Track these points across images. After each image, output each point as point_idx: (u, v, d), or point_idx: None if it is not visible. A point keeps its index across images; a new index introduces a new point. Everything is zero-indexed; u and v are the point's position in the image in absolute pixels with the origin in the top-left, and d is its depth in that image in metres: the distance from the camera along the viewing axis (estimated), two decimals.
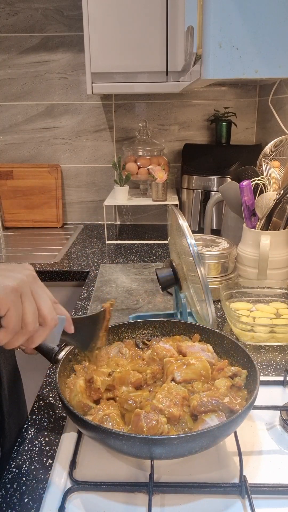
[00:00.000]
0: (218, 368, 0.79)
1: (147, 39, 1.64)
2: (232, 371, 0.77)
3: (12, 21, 1.99)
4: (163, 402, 0.69)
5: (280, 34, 1.03)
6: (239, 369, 0.78)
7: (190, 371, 0.76)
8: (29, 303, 0.55)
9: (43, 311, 0.57)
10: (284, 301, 1.16)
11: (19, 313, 0.54)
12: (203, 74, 1.06)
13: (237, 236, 1.37)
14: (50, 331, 0.59)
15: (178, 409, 0.69)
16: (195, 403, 0.69)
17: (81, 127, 2.13)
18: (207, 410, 0.68)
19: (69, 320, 0.65)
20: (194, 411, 0.69)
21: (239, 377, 0.76)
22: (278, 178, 1.29)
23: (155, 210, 2.22)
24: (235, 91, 2.07)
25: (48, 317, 0.58)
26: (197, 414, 0.69)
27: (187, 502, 0.62)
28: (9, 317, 0.53)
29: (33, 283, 0.57)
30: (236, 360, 0.81)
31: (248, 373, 0.77)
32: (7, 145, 2.16)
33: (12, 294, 0.54)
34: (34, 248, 1.88)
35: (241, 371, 0.77)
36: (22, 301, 0.55)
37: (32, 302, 0.56)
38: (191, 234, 0.92)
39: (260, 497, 0.63)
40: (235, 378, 0.76)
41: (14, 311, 0.54)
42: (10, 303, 0.53)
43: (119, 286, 1.43)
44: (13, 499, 0.63)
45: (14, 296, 0.54)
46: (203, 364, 0.77)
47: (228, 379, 0.76)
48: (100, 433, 0.62)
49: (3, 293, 0.53)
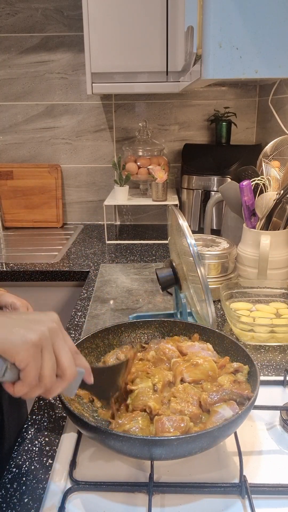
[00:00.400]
0: (220, 365, 0.80)
1: (147, 39, 1.64)
2: (233, 367, 0.78)
3: (12, 21, 1.99)
4: (181, 404, 0.70)
5: (280, 34, 1.03)
6: (240, 364, 0.78)
7: (198, 372, 0.77)
8: (49, 358, 0.55)
9: (62, 364, 0.57)
10: (284, 301, 1.16)
11: (38, 367, 0.54)
12: (203, 74, 1.05)
13: (237, 236, 1.37)
14: (68, 383, 0.59)
15: (196, 407, 0.70)
16: (204, 397, 0.71)
17: (81, 127, 2.13)
18: (218, 400, 0.70)
19: (88, 371, 0.64)
20: (206, 405, 0.70)
21: (240, 373, 0.77)
22: (278, 178, 1.29)
23: (155, 210, 2.22)
24: (235, 91, 2.07)
25: (68, 370, 0.57)
26: (209, 407, 0.70)
27: (187, 502, 0.62)
28: (27, 372, 0.53)
29: (55, 335, 0.57)
30: (236, 360, 0.81)
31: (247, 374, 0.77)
32: (7, 145, 2.16)
33: (33, 349, 0.53)
34: (34, 248, 1.88)
35: (242, 367, 0.78)
36: (42, 355, 0.55)
37: (52, 357, 0.56)
38: (191, 234, 0.92)
39: (260, 497, 0.63)
40: (237, 374, 0.77)
41: (33, 366, 0.54)
42: (30, 358, 0.53)
43: (119, 286, 1.43)
44: (13, 499, 0.63)
45: (35, 351, 0.54)
46: (211, 365, 0.78)
47: (230, 375, 0.76)
48: (100, 434, 0.62)
49: (25, 348, 0.53)
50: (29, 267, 1.62)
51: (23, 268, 1.61)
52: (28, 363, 0.53)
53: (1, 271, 1.60)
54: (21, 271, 1.60)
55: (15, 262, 1.67)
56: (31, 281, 1.61)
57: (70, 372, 0.57)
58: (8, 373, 0.54)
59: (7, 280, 1.61)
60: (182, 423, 0.66)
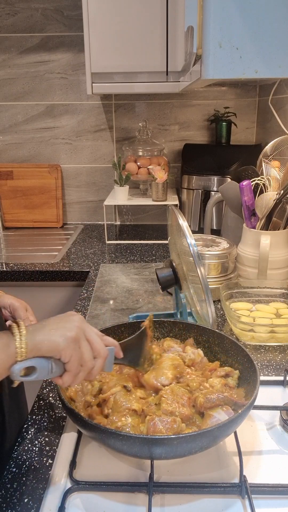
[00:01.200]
0: (210, 368, 0.80)
1: (147, 39, 1.64)
2: (225, 370, 0.78)
3: (12, 21, 1.99)
4: (172, 405, 0.70)
5: (280, 34, 1.02)
6: (231, 369, 0.79)
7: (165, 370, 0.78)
8: (86, 346, 0.65)
9: (96, 347, 0.67)
10: (284, 301, 1.16)
11: (79, 357, 0.64)
12: (203, 74, 1.05)
13: (237, 236, 1.37)
14: (104, 361, 0.68)
15: (187, 408, 0.70)
16: (201, 400, 0.70)
17: (81, 127, 2.13)
18: (214, 405, 0.69)
19: (117, 347, 0.73)
20: (201, 408, 0.70)
21: (231, 377, 0.77)
22: (278, 178, 1.29)
23: (155, 210, 2.22)
24: (235, 91, 2.07)
25: (101, 351, 0.67)
26: (204, 410, 0.70)
27: (187, 502, 0.62)
28: (72, 363, 0.63)
29: (84, 327, 0.67)
30: (236, 360, 0.81)
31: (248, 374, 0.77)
32: (7, 145, 2.16)
33: (73, 344, 0.63)
34: (34, 248, 1.88)
35: (233, 372, 0.78)
36: (80, 346, 0.65)
37: (88, 345, 0.66)
38: (191, 234, 0.92)
39: (260, 497, 0.63)
40: (227, 378, 0.77)
41: (76, 356, 0.64)
42: (73, 351, 0.63)
43: (119, 286, 1.43)
44: (13, 499, 0.63)
45: (74, 345, 0.64)
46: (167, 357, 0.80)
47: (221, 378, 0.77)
48: (100, 433, 0.62)
49: (67, 344, 0.63)
50: (29, 267, 1.62)
51: (23, 268, 1.61)
52: (72, 356, 0.63)
53: (1, 271, 1.60)
54: (21, 271, 1.60)
55: (15, 262, 1.67)
56: (31, 281, 1.61)
57: (103, 352, 0.68)
58: (54, 368, 0.63)
59: (7, 280, 1.61)
60: (174, 424, 0.66)
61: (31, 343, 0.61)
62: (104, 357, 0.68)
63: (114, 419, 0.68)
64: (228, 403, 0.70)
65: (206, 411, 0.70)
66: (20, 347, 0.60)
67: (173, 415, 0.68)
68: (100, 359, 0.67)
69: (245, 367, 0.78)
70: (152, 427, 0.66)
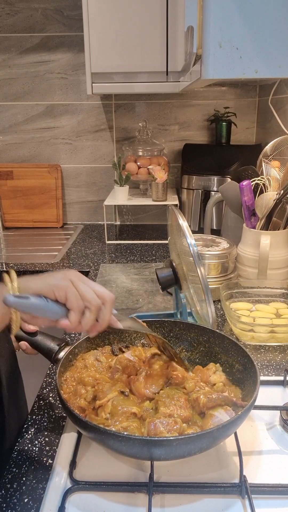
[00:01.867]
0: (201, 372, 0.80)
1: (147, 39, 1.64)
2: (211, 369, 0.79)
3: (12, 21, 1.99)
4: (169, 408, 0.70)
5: (280, 34, 1.02)
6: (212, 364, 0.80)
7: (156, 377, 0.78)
8: (83, 285, 0.64)
9: (98, 292, 0.65)
10: (284, 301, 1.16)
11: (77, 294, 0.63)
12: (203, 74, 1.05)
13: (237, 236, 1.37)
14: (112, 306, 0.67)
15: (185, 410, 0.70)
16: (204, 400, 0.70)
17: (81, 127, 2.13)
18: (215, 404, 0.69)
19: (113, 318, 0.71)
20: (203, 408, 0.70)
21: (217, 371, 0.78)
22: (278, 178, 1.29)
23: (155, 210, 2.22)
24: (235, 91, 2.07)
25: (105, 294, 0.66)
26: (206, 410, 0.69)
27: (187, 502, 0.62)
28: (70, 299, 0.63)
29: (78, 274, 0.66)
30: (236, 361, 0.81)
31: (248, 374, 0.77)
32: (7, 145, 2.16)
33: (63, 281, 0.63)
34: (34, 248, 1.88)
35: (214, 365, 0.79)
36: (75, 286, 0.63)
37: (85, 285, 0.65)
38: (191, 234, 0.92)
39: (260, 497, 0.63)
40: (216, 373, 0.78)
41: (72, 293, 0.62)
42: (66, 288, 0.62)
43: (119, 286, 1.43)
44: (13, 499, 0.63)
45: (66, 283, 0.63)
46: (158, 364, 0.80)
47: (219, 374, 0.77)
48: (100, 434, 0.62)
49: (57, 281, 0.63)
50: (29, 267, 1.62)
51: (23, 268, 1.61)
52: (66, 292, 0.62)
53: (1, 271, 1.60)
54: (21, 271, 1.60)
55: (15, 262, 1.67)
56: None
57: (108, 295, 0.66)
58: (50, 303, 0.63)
59: None
60: (175, 425, 0.66)
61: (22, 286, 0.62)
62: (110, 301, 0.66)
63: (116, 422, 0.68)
64: (228, 403, 0.70)
65: (207, 411, 0.70)
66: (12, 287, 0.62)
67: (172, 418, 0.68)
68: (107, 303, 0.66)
69: (245, 367, 0.78)
70: (153, 429, 0.65)
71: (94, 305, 0.64)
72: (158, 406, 0.71)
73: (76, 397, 0.74)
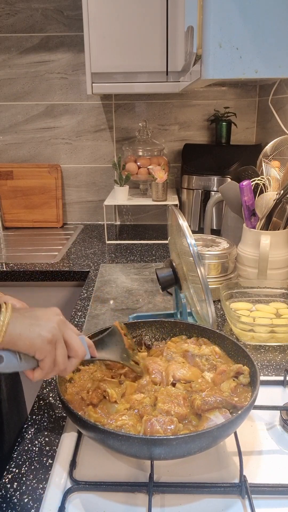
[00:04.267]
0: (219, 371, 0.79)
1: (147, 39, 1.64)
2: (233, 370, 0.77)
3: (12, 21, 1.99)
4: (167, 404, 0.70)
5: (280, 34, 1.02)
6: (239, 366, 0.77)
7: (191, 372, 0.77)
8: (61, 347, 0.66)
9: (74, 347, 0.68)
10: (284, 301, 1.16)
11: (52, 356, 0.65)
12: (203, 74, 1.05)
13: (237, 236, 1.37)
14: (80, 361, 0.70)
15: (182, 408, 0.70)
16: (198, 402, 0.70)
17: (81, 127, 2.13)
18: (211, 407, 0.69)
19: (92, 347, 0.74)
20: (198, 411, 0.69)
21: (242, 375, 0.76)
22: (278, 178, 1.29)
23: (155, 210, 2.22)
24: (235, 91, 2.07)
25: (79, 351, 0.68)
26: (201, 413, 0.69)
27: (187, 502, 0.62)
28: (44, 363, 0.65)
29: (63, 327, 0.67)
30: (236, 361, 0.81)
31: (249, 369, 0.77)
32: (7, 145, 2.16)
33: (49, 345, 0.64)
34: (34, 248, 1.88)
35: (241, 368, 0.77)
36: (56, 347, 0.65)
37: (63, 346, 0.67)
38: (191, 234, 0.92)
39: (260, 497, 0.63)
40: (239, 377, 0.76)
41: (49, 358, 0.65)
42: (47, 352, 0.64)
43: (119, 286, 1.43)
44: (13, 499, 0.63)
45: (50, 347, 0.64)
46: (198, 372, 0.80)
47: (231, 380, 0.76)
48: (100, 433, 0.62)
49: (42, 344, 0.63)
50: (29, 267, 1.62)
51: (23, 268, 1.61)
52: (46, 356, 0.64)
53: (1, 271, 1.60)
54: (21, 271, 1.60)
55: (15, 262, 1.67)
56: (31, 281, 1.61)
57: (81, 351, 0.69)
58: (23, 362, 0.64)
59: (7, 280, 1.61)
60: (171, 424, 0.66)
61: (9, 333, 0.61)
62: (81, 357, 0.69)
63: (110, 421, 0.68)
64: (226, 406, 0.70)
65: (203, 413, 0.69)
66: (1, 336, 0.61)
67: (169, 415, 0.68)
68: (76, 359, 0.69)
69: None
70: (149, 428, 0.65)
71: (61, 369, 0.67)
72: (157, 402, 0.71)
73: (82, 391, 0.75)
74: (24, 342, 0.62)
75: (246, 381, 0.76)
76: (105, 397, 0.74)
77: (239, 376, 0.77)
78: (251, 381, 0.76)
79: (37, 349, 0.63)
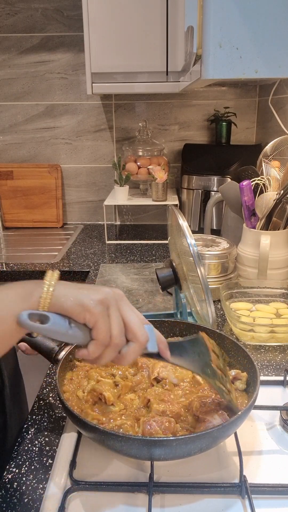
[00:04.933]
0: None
1: (147, 39, 1.64)
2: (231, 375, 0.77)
3: (12, 21, 1.99)
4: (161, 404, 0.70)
5: (280, 34, 1.02)
6: (238, 372, 0.78)
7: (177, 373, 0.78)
8: (116, 317, 0.56)
9: (131, 326, 0.57)
10: (284, 301, 1.16)
11: (107, 325, 0.55)
12: (203, 74, 1.05)
13: (237, 236, 1.37)
14: (143, 347, 0.58)
15: (175, 406, 0.70)
16: (196, 404, 0.69)
17: (81, 127, 2.13)
18: (209, 410, 0.69)
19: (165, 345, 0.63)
20: (197, 413, 0.69)
21: (239, 380, 0.77)
22: (278, 178, 1.29)
23: (155, 210, 2.22)
24: (235, 91, 2.07)
25: (137, 332, 0.57)
26: (199, 415, 0.69)
27: (187, 502, 0.62)
28: (98, 329, 0.55)
29: (120, 299, 0.58)
30: (236, 361, 0.81)
31: (248, 374, 0.77)
32: (7, 145, 2.16)
33: (99, 306, 0.55)
34: (34, 248, 1.88)
35: (240, 374, 0.77)
36: (109, 314, 0.56)
37: (119, 316, 0.57)
38: (191, 234, 0.92)
39: (260, 497, 0.63)
40: (235, 382, 0.76)
41: (102, 324, 0.55)
42: (98, 315, 0.55)
43: (119, 286, 1.43)
44: (13, 499, 0.63)
45: (101, 308, 0.55)
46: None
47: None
48: (99, 434, 0.62)
49: (92, 304, 0.55)
50: (29, 267, 1.62)
51: (23, 268, 1.61)
52: (97, 320, 0.54)
53: (1, 271, 1.60)
54: (21, 271, 1.60)
55: (15, 262, 1.67)
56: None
57: (141, 336, 0.57)
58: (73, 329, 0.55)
59: (7, 280, 1.61)
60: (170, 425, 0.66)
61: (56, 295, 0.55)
62: (142, 342, 0.57)
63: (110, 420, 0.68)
64: (224, 408, 0.70)
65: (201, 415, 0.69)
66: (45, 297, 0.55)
67: (165, 415, 0.68)
68: (136, 343, 0.57)
69: (245, 367, 0.78)
70: (148, 428, 0.65)
71: (116, 344, 0.56)
72: (150, 404, 0.71)
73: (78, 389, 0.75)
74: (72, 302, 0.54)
75: (242, 387, 0.76)
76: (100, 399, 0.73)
77: (235, 381, 0.77)
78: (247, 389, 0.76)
79: (87, 309, 0.54)
